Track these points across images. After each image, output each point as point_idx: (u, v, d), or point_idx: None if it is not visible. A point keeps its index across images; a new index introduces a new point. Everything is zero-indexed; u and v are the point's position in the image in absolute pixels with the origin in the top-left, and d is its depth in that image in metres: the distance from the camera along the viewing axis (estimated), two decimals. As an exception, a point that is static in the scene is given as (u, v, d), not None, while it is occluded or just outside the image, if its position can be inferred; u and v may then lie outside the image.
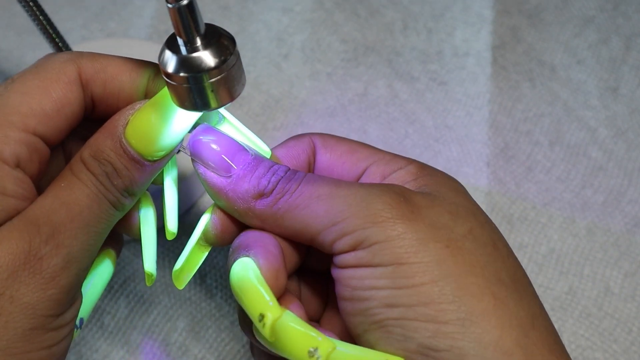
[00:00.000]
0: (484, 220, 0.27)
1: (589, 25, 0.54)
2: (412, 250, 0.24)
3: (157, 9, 0.55)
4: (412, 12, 0.55)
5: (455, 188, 0.28)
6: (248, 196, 0.28)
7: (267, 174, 0.27)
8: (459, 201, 0.27)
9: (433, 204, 0.26)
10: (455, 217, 0.26)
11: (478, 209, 0.27)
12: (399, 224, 0.25)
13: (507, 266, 0.26)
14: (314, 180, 0.27)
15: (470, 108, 0.50)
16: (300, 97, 0.50)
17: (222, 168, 0.28)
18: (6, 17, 0.55)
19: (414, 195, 0.26)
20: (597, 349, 0.39)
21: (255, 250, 0.27)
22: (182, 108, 0.28)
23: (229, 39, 0.27)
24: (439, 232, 0.25)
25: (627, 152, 0.47)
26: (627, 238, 0.44)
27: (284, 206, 0.27)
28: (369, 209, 0.25)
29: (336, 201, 0.26)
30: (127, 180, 0.26)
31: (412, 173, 0.28)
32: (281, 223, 0.27)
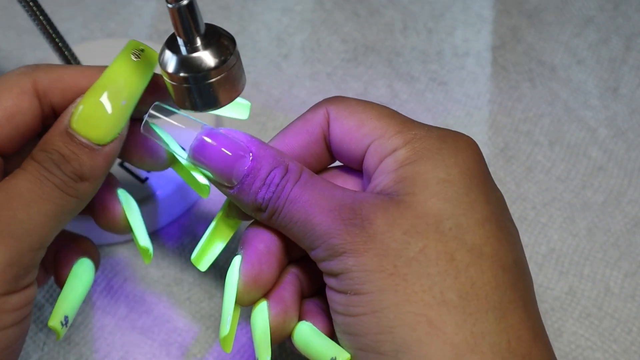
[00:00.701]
0: (448, 228, 0.26)
1: (589, 25, 0.54)
2: (360, 282, 0.25)
3: (157, 9, 0.55)
4: (412, 12, 0.55)
5: (443, 179, 0.27)
6: (250, 209, 0.29)
7: (263, 188, 0.28)
8: (428, 207, 0.26)
9: (390, 225, 0.26)
10: (409, 236, 0.25)
11: (452, 211, 0.26)
12: (351, 258, 0.26)
13: (461, 281, 0.25)
14: (294, 201, 0.27)
15: (470, 108, 0.50)
16: (300, 97, 0.50)
17: (225, 180, 0.28)
18: (6, 17, 0.55)
19: (374, 219, 0.26)
20: (597, 349, 0.40)
21: (244, 250, 0.29)
22: (182, 108, 0.28)
23: (229, 39, 0.27)
24: (386, 260, 0.25)
25: (627, 152, 0.47)
26: (627, 238, 0.44)
27: (276, 223, 0.28)
28: (330, 242, 0.26)
29: (308, 230, 0.27)
30: (76, 164, 0.26)
31: (399, 161, 0.27)
32: (283, 232, 0.29)
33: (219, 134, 0.28)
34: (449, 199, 0.26)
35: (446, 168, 0.27)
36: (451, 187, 0.26)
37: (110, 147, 0.27)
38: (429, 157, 0.27)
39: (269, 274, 0.28)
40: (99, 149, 0.26)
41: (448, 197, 0.26)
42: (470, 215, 0.26)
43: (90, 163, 0.26)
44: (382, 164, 0.28)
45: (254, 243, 0.29)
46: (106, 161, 0.27)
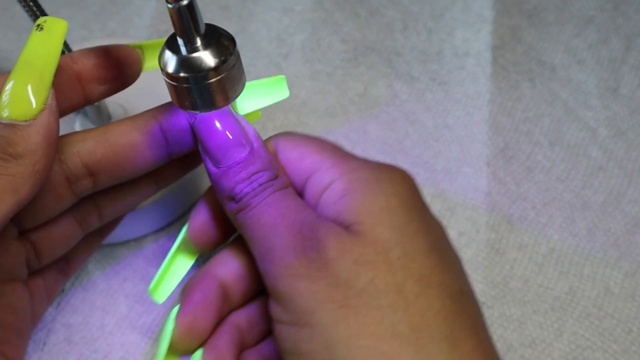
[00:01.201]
0: (396, 257, 0.25)
1: (589, 25, 0.54)
2: (310, 311, 0.25)
3: (157, 9, 0.55)
4: (412, 12, 0.55)
5: (385, 208, 0.26)
6: (224, 194, 0.28)
7: (246, 181, 0.27)
8: (375, 235, 0.26)
9: (341, 252, 0.25)
10: (360, 265, 0.25)
11: (399, 239, 0.26)
12: (303, 282, 0.25)
13: (411, 313, 0.25)
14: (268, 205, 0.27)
15: (470, 108, 0.50)
16: (300, 97, 0.50)
17: (214, 158, 0.28)
18: (6, 17, 0.55)
19: (328, 244, 0.25)
20: (597, 349, 0.40)
21: (182, 299, 0.28)
22: (182, 109, 0.28)
23: (229, 39, 0.27)
24: (337, 290, 0.25)
25: (627, 152, 0.47)
26: (627, 238, 0.44)
27: (240, 219, 0.28)
28: (286, 258, 0.26)
29: (269, 238, 0.26)
30: (1, 142, 0.25)
31: (336, 192, 0.27)
32: (240, 230, 0.28)
33: (229, 117, 0.28)
34: (394, 227, 0.26)
35: (386, 197, 0.27)
36: (394, 216, 0.26)
37: (40, 119, 0.26)
38: (367, 187, 0.27)
39: (205, 324, 0.28)
40: (27, 124, 0.25)
41: (393, 226, 0.26)
42: (415, 245, 0.26)
43: (21, 140, 0.25)
44: (321, 197, 0.28)
45: (192, 292, 0.28)
46: (40, 133, 0.26)
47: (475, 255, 0.43)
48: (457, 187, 0.46)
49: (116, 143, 0.28)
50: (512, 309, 0.41)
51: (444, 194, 0.45)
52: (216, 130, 0.28)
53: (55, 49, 0.27)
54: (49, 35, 0.27)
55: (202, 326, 0.28)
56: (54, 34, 0.27)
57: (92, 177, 0.29)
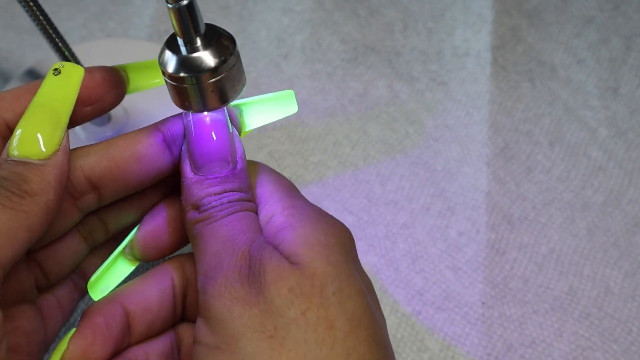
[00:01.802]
0: (331, 293, 0.25)
1: (589, 25, 0.54)
2: (237, 337, 0.24)
3: (157, 9, 0.55)
4: (412, 12, 0.55)
5: (323, 244, 0.27)
6: (190, 201, 0.28)
7: (217, 196, 0.27)
8: (313, 268, 0.26)
9: (279, 278, 0.25)
10: (294, 295, 0.25)
11: (336, 276, 0.26)
12: (237, 306, 0.25)
13: (336, 352, 0.24)
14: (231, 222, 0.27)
15: (470, 108, 0.50)
16: (300, 97, 0.50)
17: (196, 164, 0.28)
18: (6, 17, 0.55)
19: (267, 268, 0.25)
20: (597, 349, 0.39)
21: (81, 321, 0.27)
22: (182, 108, 0.28)
23: (229, 39, 0.27)
24: (269, 318, 0.24)
25: (627, 152, 0.47)
26: (627, 238, 0.44)
27: (198, 229, 0.27)
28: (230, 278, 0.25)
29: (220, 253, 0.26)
30: (16, 178, 0.25)
31: (279, 224, 0.27)
32: (193, 241, 0.28)
33: (225, 130, 0.28)
34: (331, 263, 0.26)
35: (325, 235, 0.27)
36: (332, 253, 0.26)
37: (54, 159, 0.26)
38: (308, 222, 0.27)
39: (100, 352, 0.27)
40: (42, 163, 0.26)
41: (330, 262, 0.26)
42: (351, 284, 0.26)
43: (35, 178, 0.26)
44: (264, 229, 0.28)
45: (94, 316, 0.28)
46: (53, 173, 0.26)
47: (475, 255, 0.43)
48: (457, 187, 0.46)
49: (119, 156, 0.28)
50: (512, 309, 0.41)
51: (444, 194, 0.45)
52: (208, 139, 0.28)
53: (72, 93, 0.27)
54: (67, 79, 0.27)
55: (97, 353, 0.27)
56: (72, 79, 0.27)
57: (97, 191, 0.29)
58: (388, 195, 0.45)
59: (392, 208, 0.45)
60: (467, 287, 0.42)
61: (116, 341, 0.28)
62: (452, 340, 0.40)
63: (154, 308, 0.29)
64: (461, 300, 0.41)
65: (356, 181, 0.46)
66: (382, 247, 0.43)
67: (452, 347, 0.40)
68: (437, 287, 0.42)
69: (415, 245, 0.43)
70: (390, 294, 0.41)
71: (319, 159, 0.47)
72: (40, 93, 0.27)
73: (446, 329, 0.40)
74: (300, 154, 0.47)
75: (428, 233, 0.44)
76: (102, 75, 0.29)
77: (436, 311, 0.41)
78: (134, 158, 0.28)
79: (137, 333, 0.29)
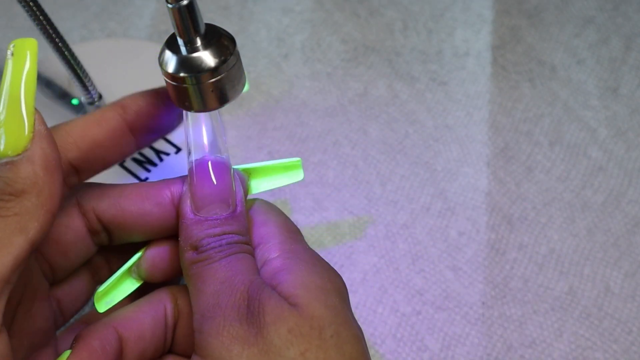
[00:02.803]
0: (329, 336, 0.26)
1: (589, 25, 0.54)
2: None
3: (157, 9, 0.55)
4: (412, 12, 0.55)
5: (321, 287, 0.27)
6: (189, 241, 0.28)
7: (216, 237, 0.27)
8: (311, 310, 0.26)
9: (278, 318, 0.25)
10: (294, 336, 0.25)
11: (333, 319, 0.26)
12: (236, 345, 0.25)
13: None
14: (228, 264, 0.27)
15: (470, 108, 0.50)
16: (300, 97, 0.50)
17: (197, 205, 0.28)
18: (6, 17, 0.55)
19: (267, 308, 0.25)
20: (597, 349, 0.39)
21: (76, 344, 0.27)
22: (182, 108, 0.28)
23: (229, 39, 0.27)
24: (268, 357, 0.25)
25: (627, 152, 0.47)
26: (627, 238, 0.44)
27: (196, 270, 0.27)
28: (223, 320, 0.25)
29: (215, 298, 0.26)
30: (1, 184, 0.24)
31: (277, 266, 0.28)
32: (189, 280, 0.28)
33: (226, 174, 0.28)
34: (328, 307, 0.26)
35: (322, 279, 0.27)
36: (329, 297, 0.27)
37: (32, 150, 0.24)
38: (305, 266, 0.27)
39: None
40: (19, 158, 0.24)
41: (328, 305, 0.26)
42: (348, 329, 0.26)
43: (17, 175, 0.24)
44: (261, 270, 0.28)
45: (89, 340, 0.27)
46: (36, 163, 0.24)
47: (475, 255, 0.43)
48: (457, 187, 0.46)
49: (128, 210, 0.29)
50: (512, 309, 0.41)
51: (444, 194, 0.45)
52: (209, 181, 0.28)
53: (30, 72, 0.25)
54: (21, 59, 0.25)
55: None
56: (26, 56, 0.25)
57: (107, 233, 0.29)
58: (388, 195, 0.45)
59: (392, 208, 0.45)
60: (467, 287, 0.42)
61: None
62: (452, 340, 0.40)
63: (147, 336, 0.29)
64: (461, 300, 0.41)
65: (356, 181, 0.46)
66: (382, 247, 0.43)
67: (452, 347, 0.40)
68: (437, 287, 0.42)
69: (415, 245, 0.43)
70: (390, 294, 0.41)
71: (319, 159, 0.47)
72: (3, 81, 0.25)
73: (446, 329, 0.40)
74: (300, 154, 0.47)
75: (428, 233, 0.44)
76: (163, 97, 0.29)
77: (436, 311, 0.41)
78: (141, 215, 0.28)
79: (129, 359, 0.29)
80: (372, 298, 0.41)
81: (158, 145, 0.44)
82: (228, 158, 0.29)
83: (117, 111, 0.29)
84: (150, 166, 0.43)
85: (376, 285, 0.42)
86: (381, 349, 0.39)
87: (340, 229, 0.44)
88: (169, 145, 0.44)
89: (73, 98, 0.46)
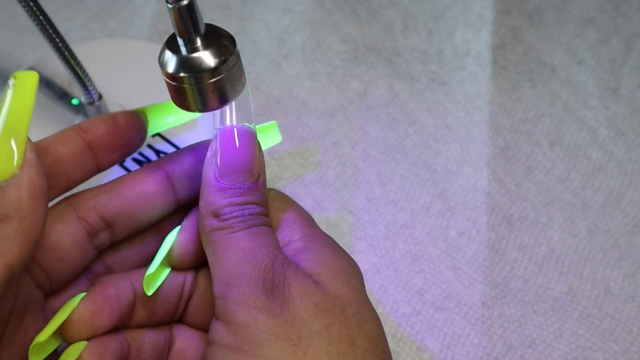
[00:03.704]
0: (351, 314, 0.26)
1: (589, 25, 0.54)
2: (261, 343, 0.25)
3: (157, 9, 0.55)
4: (412, 13, 0.55)
5: (342, 269, 0.28)
6: (210, 208, 0.28)
7: (238, 207, 0.28)
8: (334, 288, 0.27)
9: (305, 293, 0.26)
10: (318, 309, 0.26)
11: (355, 299, 0.27)
12: (262, 315, 0.25)
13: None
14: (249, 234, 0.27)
15: (470, 108, 0.50)
16: (300, 97, 0.50)
17: (222, 171, 0.28)
18: (6, 17, 0.55)
19: (293, 282, 0.26)
20: (597, 349, 0.39)
21: (93, 287, 0.28)
22: (182, 109, 0.28)
23: (229, 39, 0.27)
24: (293, 328, 0.25)
25: (627, 153, 0.47)
26: (627, 239, 0.44)
27: (216, 238, 0.28)
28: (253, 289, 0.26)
29: (239, 263, 0.27)
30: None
31: (298, 247, 0.28)
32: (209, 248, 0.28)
33: (254, 142, 0.29)
34: (350, 287, 0.27)
35: (343, 262, 0.28)
36: (350, 278, 0.27)
37: (20, 177, 0.25)
38: (327, 249, 0.28)
39: (106, 320, 0.27)
40: (6, 184, 0.24)
41: (350, 286, 0.27)
42: (368, 310, 0.27)
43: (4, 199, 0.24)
44: (283, 250, 0.29)
45: (106, 286, 0.28)
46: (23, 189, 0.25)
47: (475, 255, 0.43)
48: (457, 187, 0.46)
49: (128, 195, 0.29)
50: (512, 309, 0.41)
51: (444, 194, 0.45)
52: (235, 148, 0.28)
53: (28, 103, 0.26)
54: (21, 89, 0.26)
55: (103, 320, 0.27)
56: (26, 87, 0.26)
57: (110, 229, 0.29)
58: (388, 195, 0.45)
59: (392, 208, 0.45)
60: (467, 287, 0.42)
61: (121, 316, 0.28)
62: (452, 341, 0.40)
63: (161, 298, 0.29)
64: (461, 301, 0.41)
65: (356, 181, 0.46)
66: (382, 247, 0.43)
67: (452, 347, 0.40)
68: (437, 287, 0.42)
69: (415, 245, 0.43)
70: (390, 294, 0.41)
71: (319, 159, 0.47)
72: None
73: (446, 329, 0.40)
74: (300, 154, 0.47)
75: (428, 233, 0.44)
76: (125, 120, 0.29)
77: (436, 311, 0.41)
78: (143, 196, 0.29)
79: (138, 316, 0.29)
80: (372, 298, 0.41)
81: (158, 145, 0.44)
82: (254, 128, 0.29)
83: (76, 131, 0.29)
84: (150, 166, 0.43)
85: (376, 285, 0.42)
86: (381, 349, 0.39)
87: (340, 229, 0.44)
88: (169, 145, 0.44)
89: (73, 98, 0.46)
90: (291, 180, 0.46)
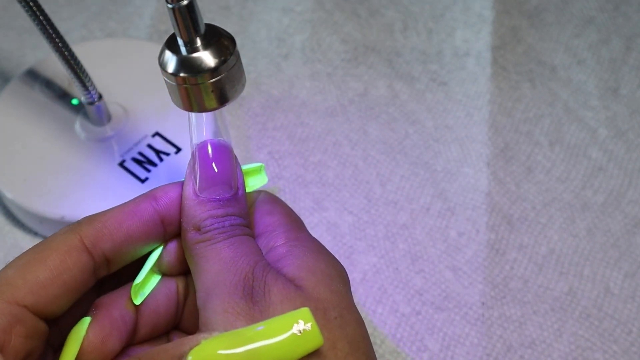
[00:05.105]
0: (333, 317, 0.27)
1: (589, 25, 0.54)
2: None
3: (157, 9, 0.55)
4: (412, 13, 0.55)
5: (325, 273, 0.28)
6: (192, 222, 0.28)
7: (219, 218, 0.28)
8: (317, 292, 0.27)
9: (285, 298, 0.26)
10: None
11: (337, 302, 0.27)
12: (241, 322, 0.25)
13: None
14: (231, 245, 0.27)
15: (470, 108, 0.50)
16: (300, 97, 0.50)
17: (200, 185, 0.28)
18: (6, 17, 0.55)
19: (273, 287, 0.26)
20: (597, 349, 0.39)
21: (97, 312, 0.28)
22: (182, 109, 0.28)
23: (229, 39, 0.27)
24: None
25: (627, 153, 0.47)
26: (627, 239, 0.44)
27: (198, 250, 0.28)
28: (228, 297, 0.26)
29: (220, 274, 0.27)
30: None
31: (282, 252, 0.28)
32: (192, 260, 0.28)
33: (230, 157, 0.29)
34: (333, 291, 0.27)
35: (327, 266, 0.28)
36: (333, 282, 0.28)
37: None
38: (310, 253, 0.28)
39: (115, 344, 0.28)
40: None
41: (332, 290, 0.27)
42: (351, 313, 0.27)
43: None
44: (266, 256, 0.29)
45: (110, 309, 0.28)
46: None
47: (475, 255, 0.43)
48: (457, 187, 0.46)
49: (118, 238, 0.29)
50: (512, 309, 0.41)
51: (444, 194, 0.45)
52: (214, 163, 0.29)
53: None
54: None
55: (112, 345, 0.27)
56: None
57: (109, 263, 0.29)
58: (388, 195, 0.45)
59: (392, 208, 0.45)
60: (467, 287, 0.42)
61: (127, 337, 0.28)
62: (452, 340, 0.40)
63: (161, 311, 0.30)
64: (461, 301, 0.41)
65: (356, 181, 0.46)
66: (382, 247, 0.43)
67: (452, 347, 0.40)
68: (436, 287, 0.42)
69: (415, 245, 0.43)
70: (390, 294, 0.41)
71: (319, 159, 0.47)
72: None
73: (446, 329, 0.40)
74: (300, 154, 0.47)
75: (428, 233, 0.44)
76: None
77: (436, 311, 0.41)
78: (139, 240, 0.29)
79: (142, 333, 0.29)
80: (372, 298, 0.41)
81: (158, 145, 0.44)
82: (230, 142, 0.29)
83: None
84: (150, 166, 0.43)
85: (376, 285, 0.42)
86: (381, 349, 0.39)
87: (340, 229, 0.44)
88: (169, 145, 0.44)
89: (73, 98, 0.46)
90: (291, 180, 0.46)
